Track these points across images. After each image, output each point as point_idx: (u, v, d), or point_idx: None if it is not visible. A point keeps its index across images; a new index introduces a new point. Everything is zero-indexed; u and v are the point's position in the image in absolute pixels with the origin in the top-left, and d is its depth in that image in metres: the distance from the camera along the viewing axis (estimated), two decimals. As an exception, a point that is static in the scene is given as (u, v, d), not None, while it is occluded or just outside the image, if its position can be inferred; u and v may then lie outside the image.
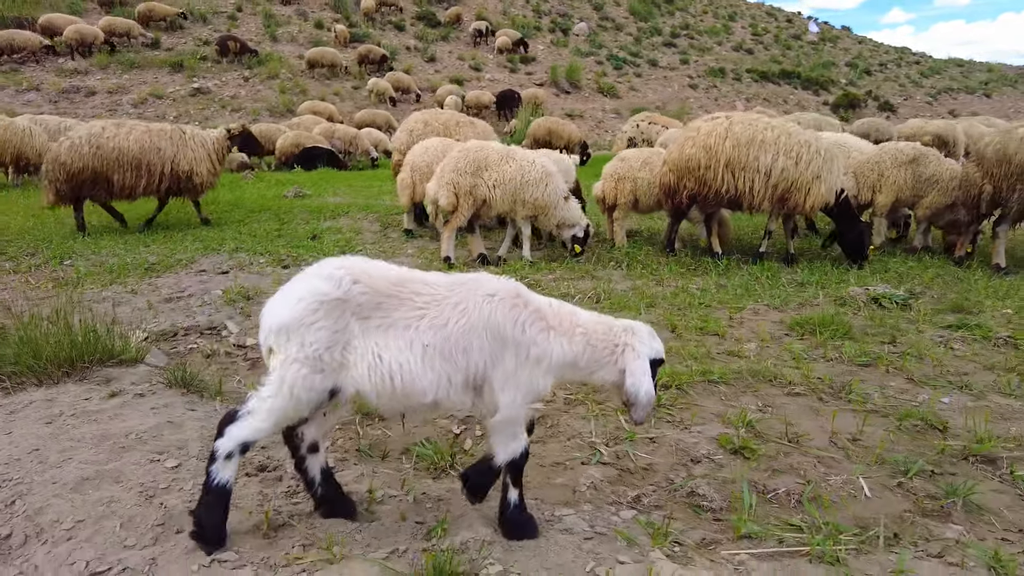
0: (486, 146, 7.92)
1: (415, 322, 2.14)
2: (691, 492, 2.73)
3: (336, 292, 2.09)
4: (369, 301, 2.13)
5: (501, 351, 2.16)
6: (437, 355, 2.12)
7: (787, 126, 7.79)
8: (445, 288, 2.22)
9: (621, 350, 2.25)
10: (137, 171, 9.21)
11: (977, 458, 3.03)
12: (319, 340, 2.06)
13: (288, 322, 2.07)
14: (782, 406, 3.63)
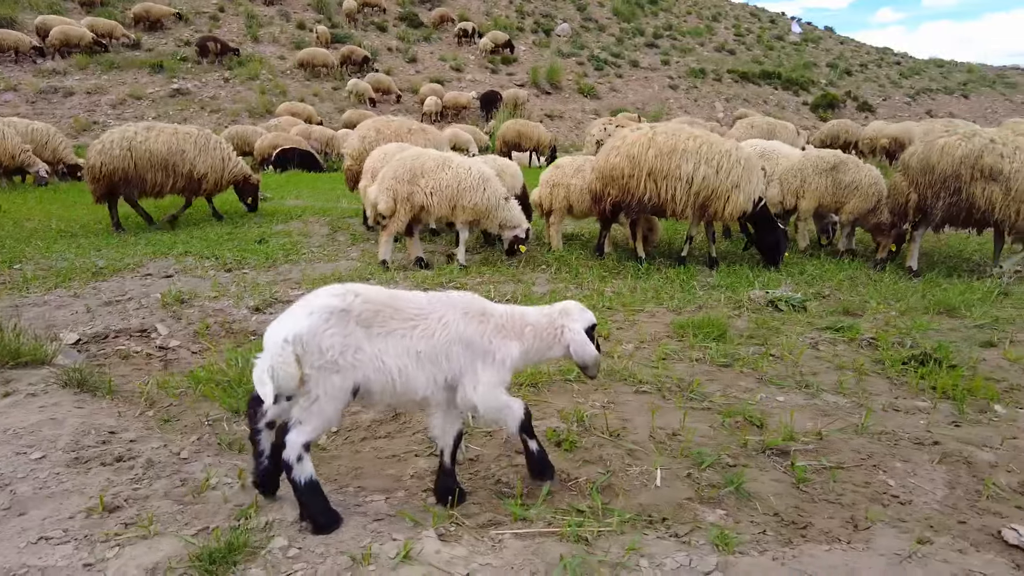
0: (423, 154, 8.22)
1: (409, 332, 2.60)
2: (498, 480, 3.06)
3: (341, 304, 2.51)
4: (369, 311, 2.55)
5: (473, 358, 2.70)
6: (427, 360, 2.62)
7: (709, 136, 8.12)
8: (428, 305, 2.70)
9: (561, 331, 2.84)
10: (165, 171, 10.16)
11: (773, 451, 3.37)
12: (335, 345, 2.45)
13: (304, 333, 2.42)
14: (625, 403, 3.96)
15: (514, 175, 10.33)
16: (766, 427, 3.66)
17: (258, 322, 6.20)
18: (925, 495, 2.99)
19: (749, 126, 15.93)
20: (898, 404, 4.01)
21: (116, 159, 9.81)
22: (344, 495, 2.94)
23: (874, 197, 8.97)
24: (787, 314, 5.95)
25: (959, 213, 7.90)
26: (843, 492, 3.00)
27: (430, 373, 2.62)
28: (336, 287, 2.63)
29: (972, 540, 2.64)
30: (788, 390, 4.22)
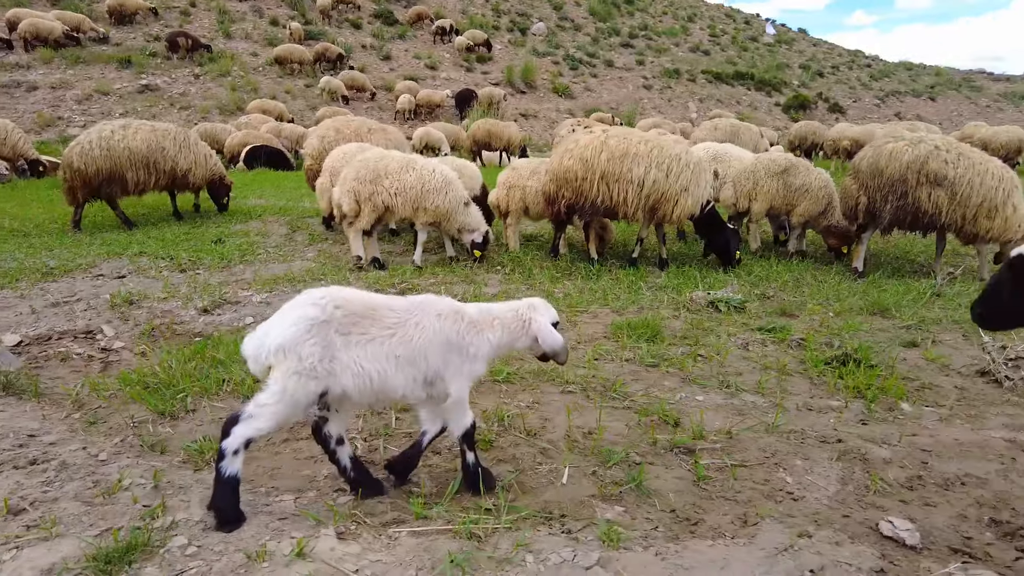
0: (387, 155, 8.27)
1: (388, 339, 2.78)
2: (409, 479, 3.14)
3: (322, 316, 2.67)
4: (348, 320, 2.72)
5: (449, 355, 2.90)
6: (406, 363, 2.80)
7: (660, 140, 8.26)
8: (405, 311, 2.88)
9: (529, 323, 3.06)
10: (147, 168, 10.21)
11: (680, 449, 3.49)
12: (313, 354, 2.62)
13: (285, 343, 2.61)
14: (549, 403, 4.07)
15: (472, 176, 10.39)
16: (680, 426, 3.79)
17: (205, 323, 6.22)
18: (818, 491, 3.13)
19: (713, 128, 16.14)
20: (813, 403, 4.16)
21: (98, 160, 9.80)
22: (255, 495, 3.00)
23: (824, 200, 9.19)
24: (725, 315, 6.10)
25: (906, 216, 8.13)
26: (741, 489, 3.12)
27: (409, 374, 2.80)
28: (317, 294, 2.76)
29: (851, 533, 2.78)
30: (709, 390, 4.35)
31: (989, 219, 7.84)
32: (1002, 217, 7.80)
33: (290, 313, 2.70)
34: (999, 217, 7.80)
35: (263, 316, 6.47)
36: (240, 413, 2.66)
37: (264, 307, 6.72)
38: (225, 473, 2.64)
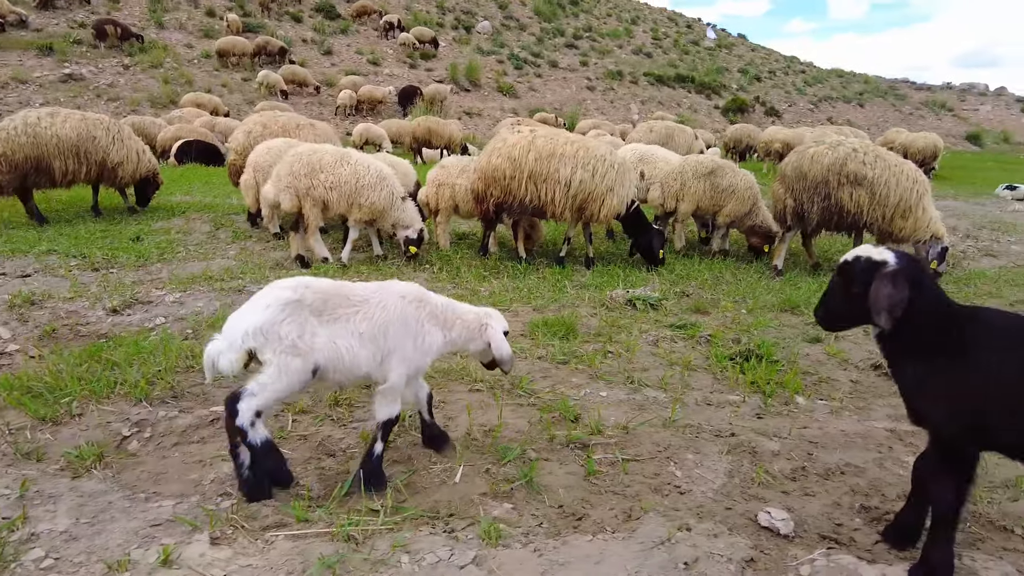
0: (320, 149, 8.09)
1: (353, 316, 2.90)
2: (297, 483, 3.08)
3: (294, 296, 2.81)
4: (318, 300, 2.85)
5: (404, 337, 2.99)
6: (368, 340, 2.90)
7: (586, 141, 8.35)
8: (369, 292, 3.02)
9: (485, 328, 3.22)
10: (76, 158, 9.69)
11: (576, 444, 3.53)
12: (291, 332, 2.75)
13: (263, 324, 2.72)
14: (456, 402, 4.06)
15: (406, 173, 10.31)
16: (579, 421, 3.83)
17: (113, 324, 5.96)
18: (704, 484, 3.21)
19: (648, 130, 16.44)
20: (712, 398, 4.27)
21: (24, 147, 9.26)
22: (133, 501, 2.89)
23: (749, 201, 9.46)
24: (641, 312, 6.21)
25: (832, 217, 8.48)
26: (630, 484, 3.18)
27: (371, 351, 2.91)
28: (290, 280, 2.92)
29: (731, 525, 2.86)
30: (614, 386, 4.42)
31: (904, 219, 8.22)
32: (914, 217, 8.19)
33: (260, 299, 2.81)
34: (912, 217, 8.19)
35: (176, 316, 6.26)
36: (240, 391, 2.76)
37: (177, 307, 6.50)
38: (258, 441, 2.79)
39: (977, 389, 2.27)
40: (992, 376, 2.24)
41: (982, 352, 2.28)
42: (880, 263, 2.47)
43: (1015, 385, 2.18)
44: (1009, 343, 2.26)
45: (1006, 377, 2.21)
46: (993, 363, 2.25)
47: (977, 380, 2.27)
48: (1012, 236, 13.19)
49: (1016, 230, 13.96)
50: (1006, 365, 2.22)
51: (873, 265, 2.48)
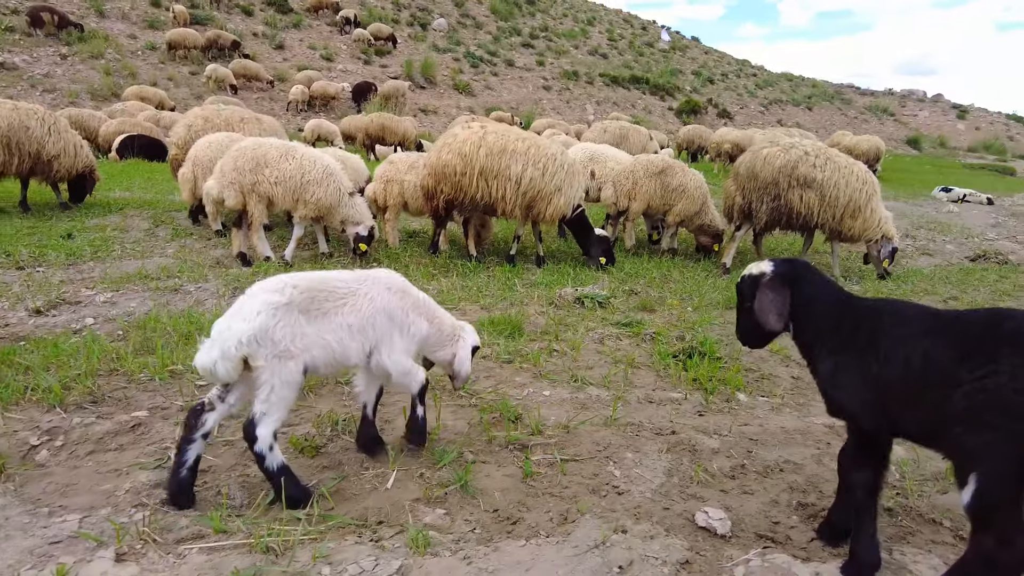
0: (264, 143, 7.83)
1: (340, 309, 2.93)
2: (218, 492, 2.92)
3: (283, 299, 2.79)
4: (306, 299, 2.85)
5: (391, 328, 3.05)
6: (357, 331, 2.95)
7: (537, 139, 8.29)
8: (355, 283, 3.03)
9: (456, 339, 3.31)
10: (8, 149, 9.18)
11: (514, 446, 3.45)
12: (285, 336, 2.74)
13: (257, 331, 2.69)
14: (394, 404, 3.93)
15: (357, 168, 10.09)
16: (520, 421, 3.75)
17: (35, 326, 5.63)
18: (643, 484, 3.16)
19: (603, 130, 16.50)
20: (654, 396, 4.24)
21: None
22: (34, 516, 2.68)
23: (699, 200, 9.54)
24: (589, 310, 6.17)
25: (781, 217, 8.63)
26: (568, 485, 3.11)
27: (360, 342, 2.96)
28: (274, 281, 2.88)
29: (668, 525, 2.81)
30: (558, 384, 4.35)
31: (853, 219, 8.44)
32: (863, 217, 8.42)
33: (250, 304, 2.77)
34: (861, 217, 8.42)
35: (106, 317, 5.96)
36: (253, 417, 2.75)
37: (108, 307, 6.20)
38: (275, 467, 2.77)
39: (882, 378, 2.31)
40: (895, 364, 2.28)
41: (885, 341, 2.33)
42: (759, 275, 2.64)
43: (917, 372, 2.22)
44: (909, 332, 2.30)
45: (908, 365, 2.25)
46: (895, 352, 2.30)
47: (881, 369, 2.31)
48: (947, 236, 13.69)
49: (951, 230, 14.49)
50: (908, 353, 2.26)
51: (755, 279, 2.66)
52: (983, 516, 2.03)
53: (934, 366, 2.17)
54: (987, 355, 2.05)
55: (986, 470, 2.00)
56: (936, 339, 2.21)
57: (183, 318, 5.42)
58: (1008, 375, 1.98)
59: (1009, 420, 1.95)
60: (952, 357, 2.13)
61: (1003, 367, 1.99)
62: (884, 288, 7.94)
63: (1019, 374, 1.95)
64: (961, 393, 2.06)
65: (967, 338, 2.15)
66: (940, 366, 2.16)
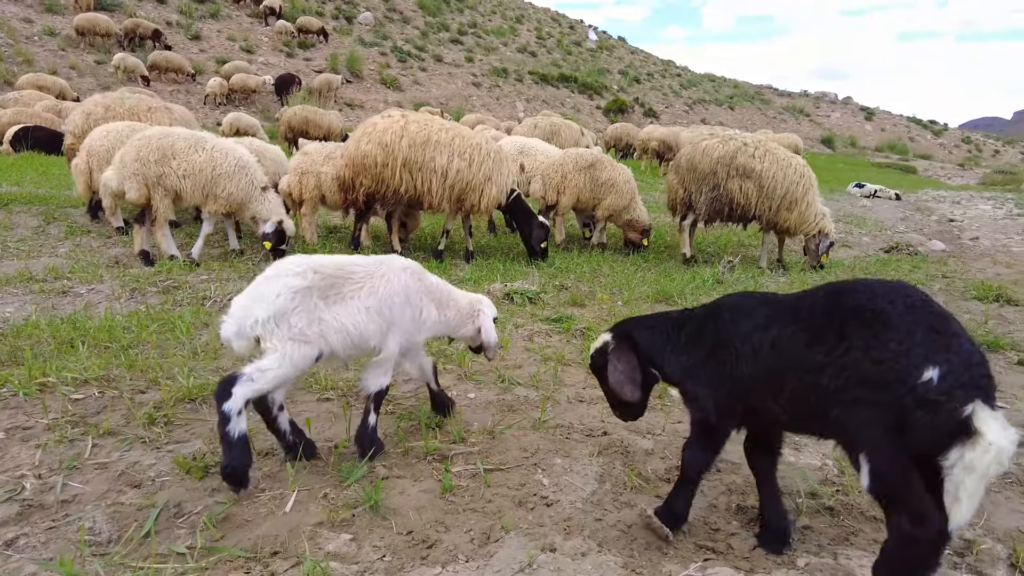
0: (171, 132, 7.18)
1: (358, 292, 2.90)
2: (81, 526, 2.47)
3: (304, 283, 2.75)
4: (325, 284, 2.82)
5: (404, 310, 3.02)
6: (375, 313, 2.92)
7: (460, 128, 7.98)
8: (372, 266, 3.01)
9: (477, 314, 3.33)
10: None
11: (433, 456, 3.14)
12: (302, 320, 2.73)
13: (275, 313, 2.68)
14: (301, 413, 3.53)
15: (275, 160, 9.49)
16: (441, 429, 3.43)
17: None
18: (574, 492, 2.90)
19: (533, 126, 16.38)
20: (584, 395, 4.01)
21: None
22: None
23: (628, 195, 9.44)
24: (518, 306, 5.91)
25: (723, 207, 8.67)
26: (492, 499, 2.81)
27: (378, 324, 2.93)
28: (295, 263, 2.83)
29: (601, 539, 2.56)
30: (484, 385, 4.06)
31: (789, 211, 8.54)
32: (799, 210, 8.54)
33: (271, 285, 2.74)
34: (796, 210, 8.53)
35: (-24, 323, 5.27)
36: (238, 375, 2.65)
37: (-21, 313, 5.49)
38: (234, 434, 2.64)
39: (737, 374, 2.33)
40: (746, 358, 2.30)
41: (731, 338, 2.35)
42: (604, 347, 2.70)
43: (770, 361, 2.23)
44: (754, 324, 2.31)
45: (758, 357, 2.26)
46: (744, 346, 2.31)
47: (734, 366, 2.33)
48: (863, 229, 14.20)
49: (866, 224, 15.06)
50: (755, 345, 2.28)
51: (602, 352, 2.70)
52: (888, 495, 1.97)
53: (786, 353, 2.16)
54: (836, 333, 2.04)
55: (872, 447, 1.96)
56: (782, 326, 2.21)
57: (66, 324, 4.83)
58: (861, 349, 1.96)
59: (875, 391, 1.92)
60: (803, 341, 2.12)
61: (855, 342, 1.98)
62: (809, 279, 8.03)
63: (872, 344, 1.94)
64: (826, 376, 2.03)
65: (812, 320, 2.13)
66: (792, 352, 2.14)
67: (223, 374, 4.05)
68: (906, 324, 1.93)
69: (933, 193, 25.89)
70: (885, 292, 2.05)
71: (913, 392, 1.85)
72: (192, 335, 4.78)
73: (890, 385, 1.89)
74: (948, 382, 1.82)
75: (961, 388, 1.82)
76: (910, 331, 1.91)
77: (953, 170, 49.61)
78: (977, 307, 7.10)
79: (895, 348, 1.90)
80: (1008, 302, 7.28)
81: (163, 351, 4.39)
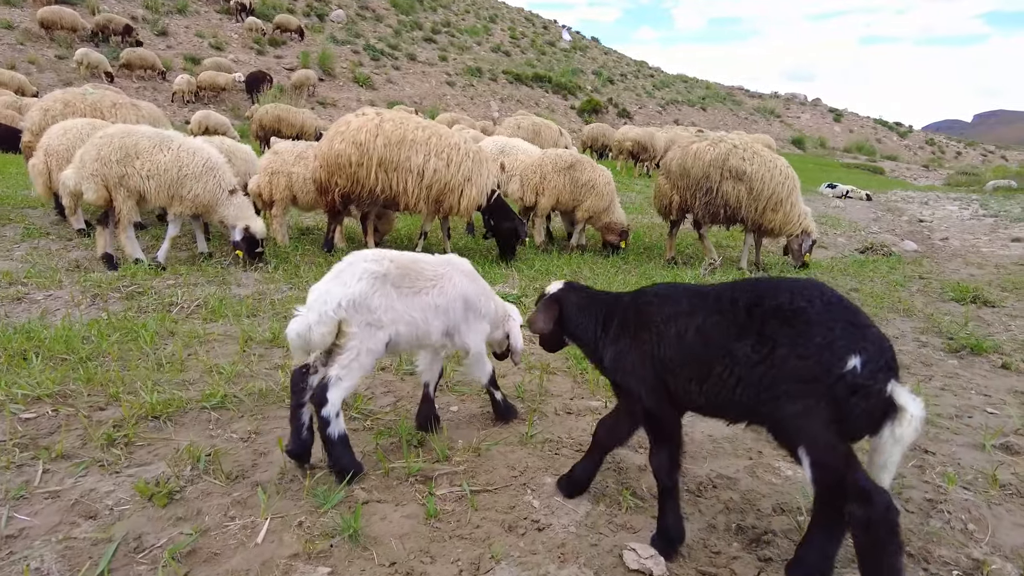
0: (134, 131, 6.85)
1: (430, 290, 3.03)
2: (27, 565, 2.24)
3: (382, 269, 2.86)
4: (399, 275, 2.93)
5: (466, 311, 3.19)
6: (442, 312, 3.05)
7: (437, 128, 7.78)
8: (439, 266, 3.15)
9: (507, 319, 3.50)
10: None
11: (416, 477, 2.95)
12: (379, 305, 2.81)
13: (356, 296, 2.75)
14: (273, 431, 3.31)
15: (247, 159, 9.16)
16: (424, 446, 3.24)
17: None
18: (566, 515, 2.74)
19: (516, 126, 16.29)
20: (572, 406, 3.85)
21: None
22: None
23: (608, 197, 9.31)
24: (499, 312, 5.73)
25: (717, 211, 8.59)
26: (480, 523, 2.64)
27: (442, 322, 3.07)
28: (373, 252, 2.99)
29: (598, 566, 2.40)
30: (467, 398, 3.89)
31: (774, 212, 8.49)
32: (783, 211, 8.51)
33: (350, 271, 2.85)
34: (781, 211, 8.50)
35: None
36: (327, 380, 2.75)
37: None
38: (336, 435, 2.79)
39: (660, 356, 2.39)
40: (670, 341, 2.37)
41: (656, 321, 2.43)
42: (542, 295, 2.96)
43: (693, 347, 2.30)
44: (678, 310, 2.39)
45: (682, 341, 2.34)
46: (667, 329, 2.39)
47: (656, 348, 2.40)
48: (837, 229, 14.30)
49: (840, 224, 15.18)
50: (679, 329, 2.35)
51: (541, 297, 2.97)
52: (832, 485, 2.04)
53: (710, 341, 2.24)
54: (761, 331, 2.12)
55: (811, 440, 2.03)
56: (706, 315, 2.29)
57: (19, 334, 4.52)
58: (787, 346, 2.05)
59: (806, 385, 2.01)
60: (727, 333, 2.20)
61: (780, 340, 2.07)
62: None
63: (796, 342, 2.03)
64: (757, 375, 2.11)
65: (736, 315, 2.21)
66: (717, 341, 2.22)
67: (189, 387, 3.82)
68: (826, 320, 2.04)
69: (902, 194, 26.34)
70: (802, 291, 2.15)
71: (842, 380, 1.96)
72: (157, 344, 4.52)
73: (819, 377, 1.98)
74: (870, 367, 1.96)
75: (881, 371, 1.97)
76: (830, 326, 2.03)
77: (918, 171, 50.69)
78: (955, 308, 7.11)
79: (819, 342, 2.00)
80: (985, 303, 7.32)
81: (125, 363, 4.13)
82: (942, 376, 4.87)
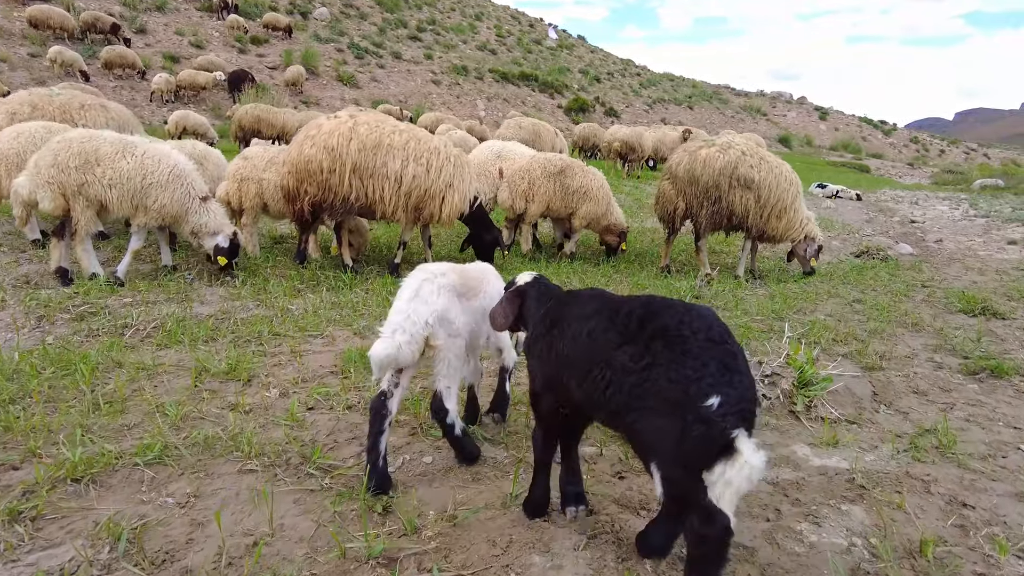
0: (96, 135, 6.35)
1: (482, 297, 3.26)
2: None
3: (451, 282, 3.07)
4: (461, 283, 3.15)
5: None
6: (486, 317, 3.15)
7: (415, 131, 7.30)
8: (480, 272, 3.38)
9: None
10: None
11: (378, 560, 2.47)
12: (457, 317, 3.04)
13: (442, 310, 2.96)
14: (216, 492, 2.84)
15: (218, 164, 8.61)
16: (390, 514, 2.78)
17: None
18: (558, 605, 2.29)
19: (517, 127, 15.98)
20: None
21: None
22: None
23: (604, 201, 8.88)
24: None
25: (722, 220, 8.25)
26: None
27: (487, 326, 3.17)
28: (439, 266, 3.12)
29: None
30: (443, 444, 3.41)
31: (778, 219, 8.17)
32: (787, 218, 8.19)
33: (427, 288, 2.96)
34: (785, 217, 8.18)
35: None
36: (440, 394, 3.00)
37: None
38: (460, 433, 3.13)
39: (560, 352, 2.50)
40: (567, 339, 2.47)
41: (563, 319, 2.55)
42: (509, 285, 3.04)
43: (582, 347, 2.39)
44: (582, 312, 2.49)
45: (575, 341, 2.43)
46: (568, 327, 2.49)
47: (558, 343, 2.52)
48: (832, 232, 13.96)
49: (833, 226, 14.84)
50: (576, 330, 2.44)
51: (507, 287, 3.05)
52: (678, 499, 2.14)
53: (596, 344, 2.33)
54: (645, 347, 2.19)
55: (663, 457, 2.11)
56: (601, 320, 2.37)
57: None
58: (664, 367, 2.12)
59: (667, 406, 2.08)
60: (613, 340, 2.28)
61: (659, 359, 2.14)
62: (789, 291, 7.60)
63: (672, 366, 2.11)
64: (629, 383, 2.18)
65: (627, 326, 2.29)
66: (602, 345, 2.31)
67: (127, 433, 3.35)
68: (703, 355, 2.11)
69: (891, 193, 26.12)
70: (692, 320, 2.21)
71: (696, 411, 2.03)
72: (98, 379, 4.03)
73: (680, 403, 2.06)
74: (724, 409, 2.02)
75: (732, 415, 2.02)
76: (705, 363, 2.09)
77: (903, 169, 50.68)
78: (964, 320, 6.75)
79: (690, 374, 2.07)
80: (995, 315, 6.96)
81: (56, 405, 3.63)
82: (964, 404, 4.48)
